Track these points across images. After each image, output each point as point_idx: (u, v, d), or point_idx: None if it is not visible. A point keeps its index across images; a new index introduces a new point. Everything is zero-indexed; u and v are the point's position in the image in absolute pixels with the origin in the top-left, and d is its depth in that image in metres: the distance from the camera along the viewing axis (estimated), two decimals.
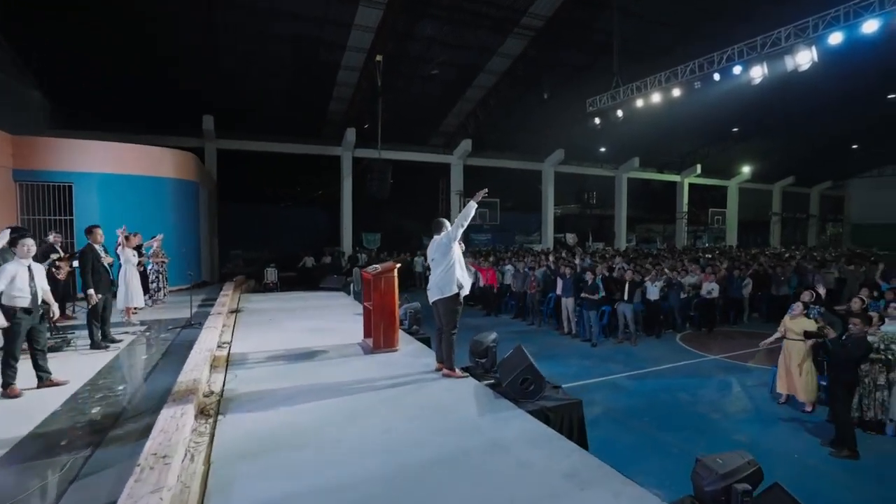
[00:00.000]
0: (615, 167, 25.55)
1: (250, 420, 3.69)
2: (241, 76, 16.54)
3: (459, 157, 21.66)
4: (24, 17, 12.59)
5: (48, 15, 12.66)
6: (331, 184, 20.98)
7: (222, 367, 5.14)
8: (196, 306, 9.01)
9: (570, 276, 10.30)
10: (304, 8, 14.08)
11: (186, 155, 12.17)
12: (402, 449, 3.19)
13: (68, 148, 10.40)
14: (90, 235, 6.19)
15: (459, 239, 4.94)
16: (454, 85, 18.81)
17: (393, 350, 5.66)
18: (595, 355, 8.83)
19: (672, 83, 12.41)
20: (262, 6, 13.80)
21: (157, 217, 10.76)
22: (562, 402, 4.09)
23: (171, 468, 2.76)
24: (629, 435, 5.44)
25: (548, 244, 23.82)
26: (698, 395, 6.72)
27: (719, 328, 10.95)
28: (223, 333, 6.72)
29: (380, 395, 4.25)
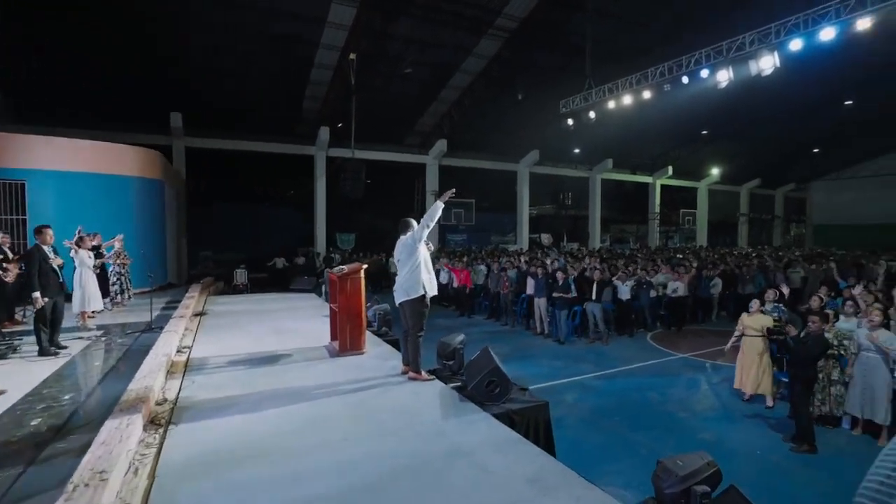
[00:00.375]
0: (589, 168, 25.89)
1: (203, 429, 3.52)
2: (211, 72, 16.06)
3: (435, 158, 21.58)
4: None
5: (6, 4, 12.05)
6: (304, 184, 20.65)
7: (180, 373, 4.92)
8: (159, 309, 8.70)
9: (542, 277, 10.35)
10: (276, 3, 13.77)
11: (150, 152, 11.73)
12: (361, 458, 3.07)
13: (21, 144, 9.89)
14: (39, 236, 5.86)
15: (426, 239, 4.85)
16: (429, 85, 18.72)
17: (360, 353, 5.53)
18: (567, 355, 8.85)
19: (643, 85, 12.60)
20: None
21: (118, 217, 10.32)
22: (528, 404, 4.04)
23: (107, 485, 2.58)
24: (599, 435, 5.45)
25: (523, 244, 23.95)
26: (667, 393, 6.79)
27: (689, 327, 11.16)
28: (184, 337, 6.46)
29: (343, 400, 4.12)
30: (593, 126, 15.96)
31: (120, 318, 8.09)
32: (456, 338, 5.08)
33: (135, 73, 14.95)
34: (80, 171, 10.16)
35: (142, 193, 11.20)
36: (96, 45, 13.76)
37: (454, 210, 22.37)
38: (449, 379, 4.77)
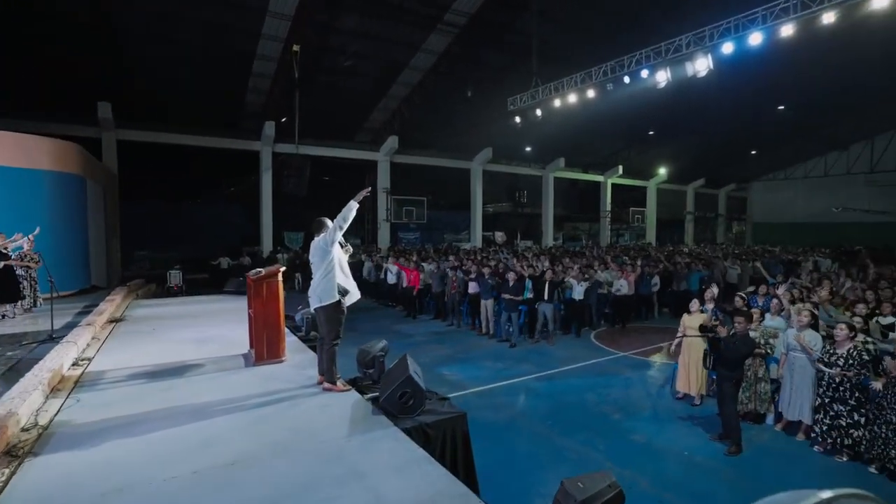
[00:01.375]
0: (542, 167, 26.15)
1: (65, 461, 3.09)
2: (145, 61, 15.01)
3: (386, 154, 21.16)
4: None
5: None
6: (250, 180, 19.77)
7: (67, 391, 4.41)
8: (72, 315, 8.00)
9: (489, 277, 10.21)
10: None
11: (67, 145, 10.78)
12: (244, 484, 2.76)
13: None
14: None
15: (343, 241, 4.55)
16: (379, 80, 18.29)
17: (278, 361, 5.17)
18: (510, 356, 8.75)
19: (587, 84, 12.70)
20: None
21: (28, 214, 9.36)
22: (444, 416, 3.81)
23: None
24: (529, 443, 5.31)
25: (476, 242, 23.92)
26: (604, 394, 6.77)
27: (632, 324, 11.33)
28: (88, 348, 5.88)
29: (245, 416, 3.77)
30: (544, 125, 16.04)
31: (23, 326, 7.31)
32: (377, 344, 4.81)
33: (59, 59, 13.77)
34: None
35: (57, 189, 10.26)
36: (17, 28, 12.57)
37: (406, 208, 22.04)
38: (369, 388, 4.49)
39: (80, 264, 10.91)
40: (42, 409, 3.95)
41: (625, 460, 4.79)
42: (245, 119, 18.93)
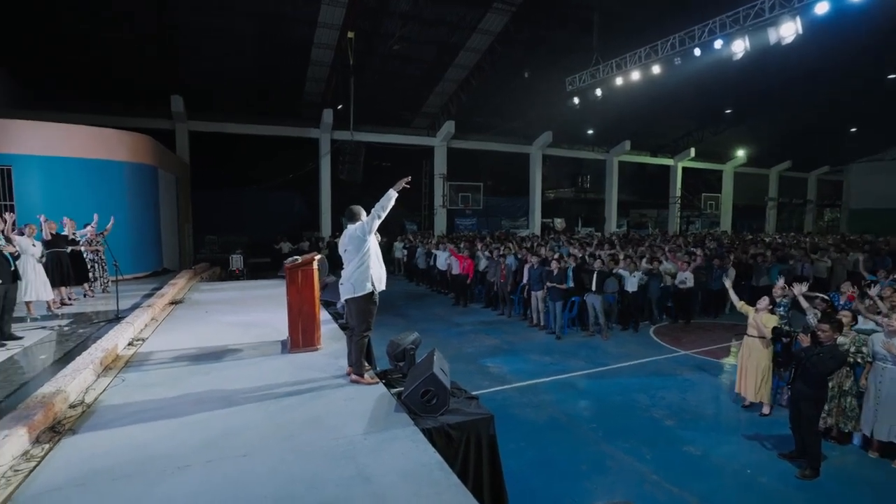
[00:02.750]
0: (606, 150, 24.82)
1: (99, 440, 3.20)
2: (211, 55, 15.79)
3: (443, 140, 20.97)
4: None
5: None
6: (309, 167, 20.35)
7: (117, 369, 4.66)
8: (141, 296, 8.56)
9: (537, 266, 9.77)
10: None
11: (142, 137, 11.55)
12: (249, 481, 2.70)
13: (7, 129, 9.79)
14: None
15: (376, 231, 4.40)
16: (434, 64, 18.05)
17: (313, 349, 5.16)
18: (559, 350, 8.34)
19: (652, 60, 11.66)
20: None
21: (107, 202, 10.14)
22: (469, 417, 3.58)
23: None
24: (569, 446, 4.94)
25: (535, 229, 23.24)
26: (657, 396, 6.22)
27: (698, 320, 10.46)
28: (144, 329, 6.24)
29: (268, 406, 3.75)
30: (608, 106, 15.10)
31: (96, 306, 7.94)
32: (408, 337, 4.65)
33: (136, 58, 14.81)
34: (67, 157, 10.05)
35: (132, 178, 11.05)
36: (99, 31, 13.65)
37: (462, 194, 21.79)
38: (398, 382, 4.35)
39: (152, 248, 11.74)
40: (91, 388, 4.18)
41: (674, 475, 4.32)
42: (305, 107, 19.47)
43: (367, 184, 18.48)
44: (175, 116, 16.21)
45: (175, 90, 15.82)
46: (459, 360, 7.87)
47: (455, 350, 8.44)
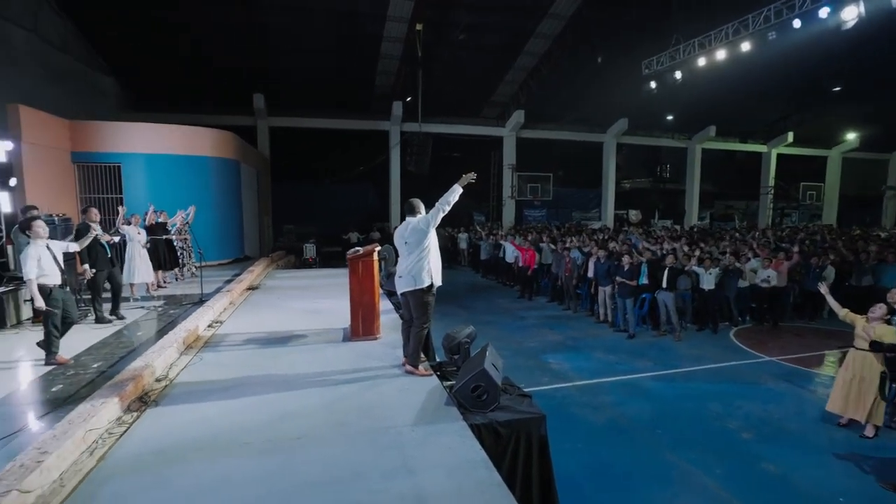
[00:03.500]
0: (688, 137, 23.09)
1: (176, 413, 3.52)
2: (287, 53, 16.66)
3: (512, 130, 20.61)
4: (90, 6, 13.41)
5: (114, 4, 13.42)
6: (379, 159, 20.90)
7: (197, 349, 5.08)
8: (223, 281, 9.27)
9: (605, 261, 9.32)
10: None
11: (225, 134, 12.46)
12: (300, 463, 2.82)
13: (117, 130, 11.00)
14: (85, 215, 6.38)
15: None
16: (503, 52, 17.72)
17: (373, 338, 5.31)
18: (625, 349, 7.94)
19: (741, 36, 10.54)
20: None
21: (197, 194, 11.12)
22: (520, 415, 3.49)
23: (40, 467, 2.60)
24: (629, 452, 4.69)
25: (607, 221, 22.26)
26: (734, 405, 5.72)
27: (789, 324, 9.49)
28: (223, 312, 6.75)
29: (326, 392, 3.90)
30: (689, 89, 13.96)
31: (185, 289, 8.71)
32: (463, 330, 4.62)
33: (223, 58, 16.00)
34: (164, 153, 11.09)
35: (217, 172, 11.99)
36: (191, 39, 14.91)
37: (531, 185, 21.33)
38: (452, 375, 4.35)
39: (234, 237, 12.68)
40: (174, 364, 4.60)
41: (748, 495, 3.95)
42: (376, 100, 19.98)
43: (434, 175, 18.69)
44: (257, 113, 17.32)
45: (257, 89, 16.89)
46: (520, 354, 7.76)
47: (517, 344, 8.32)
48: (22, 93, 10.20)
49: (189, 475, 2.72)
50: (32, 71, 11.50)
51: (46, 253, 4.78)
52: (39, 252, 4.72)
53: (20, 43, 11.23)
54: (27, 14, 11.74)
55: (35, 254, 4.68)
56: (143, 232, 7.75)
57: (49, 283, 4.72)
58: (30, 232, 4.87)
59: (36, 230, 4.83)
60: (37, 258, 4.67)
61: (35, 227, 4.86)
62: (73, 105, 12.50)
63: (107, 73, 15.75)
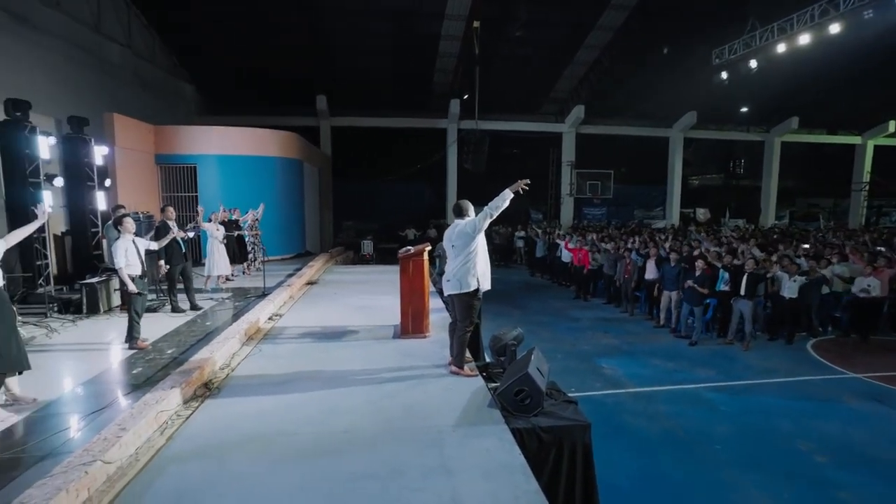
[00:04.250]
0: (765, 130, 21.38)
1: (234, 402, 3.76)
2: (348, 55, 17.21)
3: (571, 126, 20.08)
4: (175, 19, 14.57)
5: (191, 15, 14.51)
6: (436, 157, 21.10)
7: (257, 340, 5.40)
8: (284, 276, 9.77)
9: (675, 264, 8.83)
10: None
11: (290, 135, 13.10)
12: (344, 457, 2.93)
13: (193, 134, 11.89)
14: (163, 213, 6.97)
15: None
16: (563, 47, 17.25)
17: (421, 337, 5.39)
18: (687, 356, 7.53)
19: (829, 17, 9.55)
20: None
21: (263, 192, 11.76)
22: (564, 422, 3.42)
23: (119, 442, 2.88)
24: (684, 467, 4.45)
25: (672, 220, 21.14)
26: (807, 425, 5.26)
27: (881, 336, 8.56)
28: (283, 306, 7.12)
29: (372, 390, 4.01)
30: (768, 77, 12.91)
31: (248, 282, 9.26)
32: (511, 332, 4.60)
33: (290, 62, 16.82)
34: (234, 154, 11.85)
35: (282, 171, 12.64)
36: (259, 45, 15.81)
37: (590, 182, 20.67)
38: (498, 377, 4.34)
39: (297, 233, 13.32)
40: (236, 354, 4.92)
41: None
42: (433, 98, 20.14)
43: (490, 173, 18.56)
44: (319, 114, 18.06)
45: (320, 90, 17.59)
46: (573, 357, 7.59)
47: (570, 346, 8.14)
48: (117, 102, 11.29)
49: (243, 460, 2.91)
50: (126, 81, 12.67)
51: (132, 246, 5.31)
52: (127, 245, 5.25)
53: (116, 57, 12.40)
54: (122, 30, 12.95)
55: (123, 246, 5.23)
56: (221, 228, 8.37)
57: (132, 273, 5.23)
58: (121, 227, 5.43)
59: (126, 225, 5.40)
60: (125, 249, 5.21)
61: (126, 222, 5.44)
62: (158, 111, 13.66)
63: (187, 80, 17.05)
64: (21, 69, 8.66)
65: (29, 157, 7.17)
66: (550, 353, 7.54)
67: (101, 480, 2.67)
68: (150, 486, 2.67)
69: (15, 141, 7.13)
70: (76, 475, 2.52)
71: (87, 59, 11.07)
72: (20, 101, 7.26)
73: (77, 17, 10.96)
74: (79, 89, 10.27)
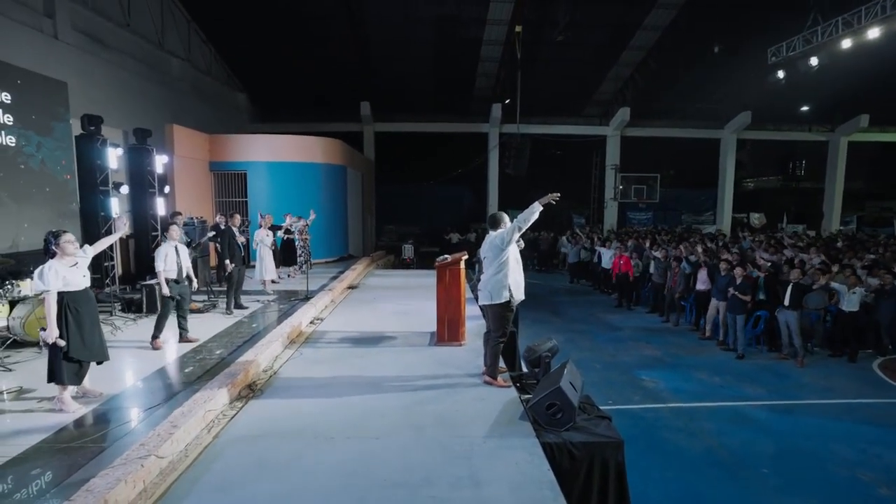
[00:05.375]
0: (830, 129, 20.04)
1: (276, 404, 3.94)
2: (392, 62, 17.57)
3: (616, 129, 19.59)
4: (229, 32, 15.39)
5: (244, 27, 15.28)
6: (478, 161, 21.13)
7: (299, 343, 5.63)
8: (328, 279, 10.10)
9: (725, 273, 8.45)
10: None
11: (334, 141, 13.50)
12: (376, 462, 3.02)
13: (244, 142, 12.50)
14: (231, 220, 7.39)
15: (517, 239, 4.39)
16: (607, 48, 16.90)
17: (458, 344, 5.45)
18: (734, 371, 7.20)
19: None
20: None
21: (308, 197, 12.22)
22: (596, 438, 3.37)
23: (171, 438, 3.10)
24: (727, 489, 4.26)
25: (723, 225, 20.18)
26: (869, 452, 4.90)
27: None
28: (324, 310, 7.36)
29: (406, 397, 4.09)
30: (831, 74, 12.11)
31: (294, 285, 9.60)
32: (545, 343, 4.57)
33: (336, 70, 17.37)
34: (280, 161, 12.35)
35: (326, 177, 13.04)
36: (306, 55, 16.43)
37: (635, 186, 20.08)
38: (532, 388, 4.33)
39: (340, 237, 13.70)
40: (278, 357, 5.15)
41: None
42: (475, 103, 20.20)
43: (532, 177, 18.43)
44: (363, 120, 18.51)
45: (364, 97, 18.04)
46: (612, 368, 7.42)
47: (609, 357, 7.97)
48: (176, 112, 12.05)
49: (282, 461, 3.06)
50: (185, 93, 13.50)
51: (173, 252, 5.57)
52: (167, 250, 5.54)
53: (176, 70, 13.24)
54: (182, 45, 13.82)
55: (164, 251, 5.53)
56: (270, 234, 8.77)
57: (168, 277, 5.48)
58: (167, 233, 5.77)
59: (171, 233, 5.72)
60: (164, 255, 5.50)
61: (171, 230, 5.77)
62: (213, 120, 14.46)
63: (240, 90, 17.96)
64: (97, 85, 9.44)
65: (100, 167, 7.81)
66: (588, 363, 7.44)
67: (154, 473, 2.88)
68: (197, 482, 2.86)
69: (89, 153, 7.79)
70: (133, 468, 2.74)
71: (152, 74, 11.89)
72: (94, 117, 7.91)
73: (144, 35, 11.81)
74: (143, 102, 11.05)
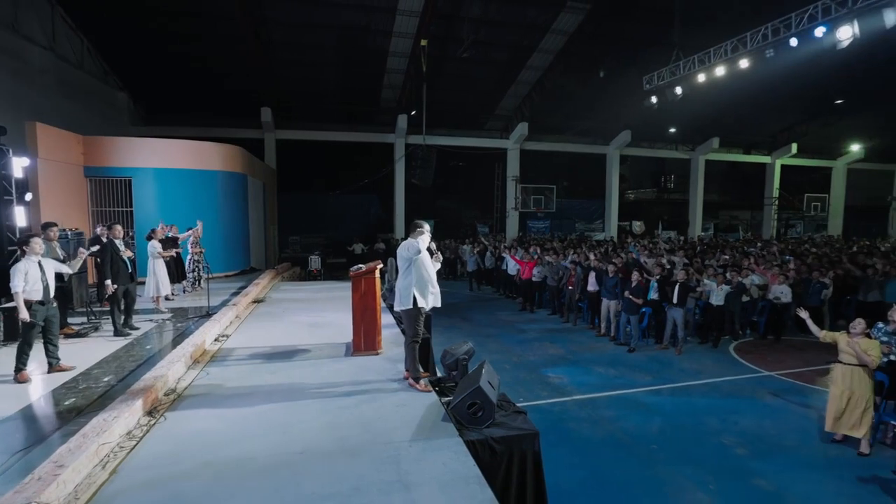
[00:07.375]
0: (691, 148, 23.21)
1: (184, 429, 3.65)
2: (295, 67, 17.02)
3: (515, 142, 20.85)
4: (107, 24, 13.83)
5: (126, 21, 13.83)
6: (384, 171, 21.15)
7: (204, 362, 5.23)
8: (229, 294, 9.44)
9: (612, 275, 9.39)
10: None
11: (233, 148, 12.72)
12: (303, 477, 2.95)
13: (128, 146, 11.28)
14: (110, 231, 6.58)
15: (431, 247, 4.57)
16: (507, 66, 17.98)
17: (374, 353, 5.44)
18: (626, 363, 8.01)
19: (739, 53, 10.68)
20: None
21: (205, 207, 11.37)
22: (514, 432, 3.60)
23: (57, 479, 2.74)
24: (624, 467, 4.77)
25: (611, 232, 22.35)
26: (730, 421, 5.78)
27: (790, 337, 9.51)
28: (229, 326, 6.91)
29: (327, 408, 4.02)
30: (692, 102, 14.10)
31: (189, 301, 8.88)
32: (462, 347, 4.75)
33: (233, 72, 16.37)
34: (173, 168, 11.34)
35: (225, 185, 12.22)
36: (200, 55, 15.29)
37: (534, 196, 21.48)
38: (451, 391, 4.47)
39: (241, 249, 12.90)
40: (182, 378, 4.74)
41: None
42: (381, 113, 20.27)
43: (438, 187, 18.83)
44: (264, 126, 17.66)
45: (264, 102, 17.22)
46: (521, 368, 7.85)
47: (517, 358, 8.42)
48: (38, 109, 10.53)
49: (197, 490, 2.85)
50: (49, 88, 11.85)
51: (35, 269, 4.81)
52: (28, 267, 4.75)
53: (37, 60, 11.58)
54: (44, 32, 12.13)
55: (23, 268, 4.72)
56: (158, 245, 7.97)
57: (31, 299, 4.75)
58: (26, 247, 4.88)
59: (32, 246, 4.87)
60: (24, 272, 4.71)
61: (32, 243, 4.89)
62: (86, 120, 12.86)
63: (120, 88, 16.18)
64: None
65: None
66: (499, 363, 7.81)
67: None
68: None
69: None
70: None
71: (3, 62, 10.30)
72: None
73: None
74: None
